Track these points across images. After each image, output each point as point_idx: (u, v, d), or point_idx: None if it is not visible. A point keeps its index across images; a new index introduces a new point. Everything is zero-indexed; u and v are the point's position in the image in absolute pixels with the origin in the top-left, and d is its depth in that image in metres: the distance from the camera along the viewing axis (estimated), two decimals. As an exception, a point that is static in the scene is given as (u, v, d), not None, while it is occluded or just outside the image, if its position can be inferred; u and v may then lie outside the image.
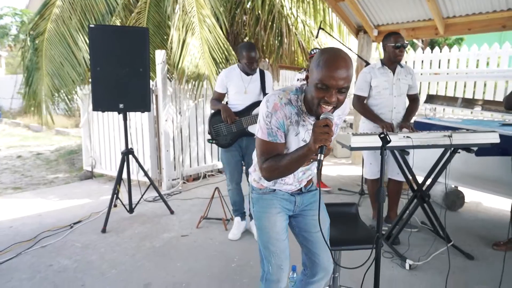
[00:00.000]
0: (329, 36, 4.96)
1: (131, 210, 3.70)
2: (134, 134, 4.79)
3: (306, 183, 1.71)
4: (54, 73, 4.93)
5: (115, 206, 3.77)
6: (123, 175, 3.60)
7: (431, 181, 3.00)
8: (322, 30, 4.37)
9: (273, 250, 1.62)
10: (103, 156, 5.35)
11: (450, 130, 2.74)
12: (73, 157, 7.56)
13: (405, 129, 3.06)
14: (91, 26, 3.28)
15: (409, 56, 6.29)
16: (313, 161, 1.56)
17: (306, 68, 5.07)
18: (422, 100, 5.17)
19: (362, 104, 3.28)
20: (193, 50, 4.68)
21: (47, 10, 5.16)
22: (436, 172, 2.97)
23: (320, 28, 4.34)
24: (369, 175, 3.38)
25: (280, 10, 6.12)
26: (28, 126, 11.97)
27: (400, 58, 3.12)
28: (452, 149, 2.77)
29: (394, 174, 3.24)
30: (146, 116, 4.67)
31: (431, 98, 4.92)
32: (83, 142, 5.52)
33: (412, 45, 8.74)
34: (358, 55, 4.64)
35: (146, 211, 3.88)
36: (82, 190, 4.80)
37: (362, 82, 3.25)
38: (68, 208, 4.05)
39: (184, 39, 4.66)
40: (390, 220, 3.33)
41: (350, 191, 4.52)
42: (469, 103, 4.61)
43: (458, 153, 2.81)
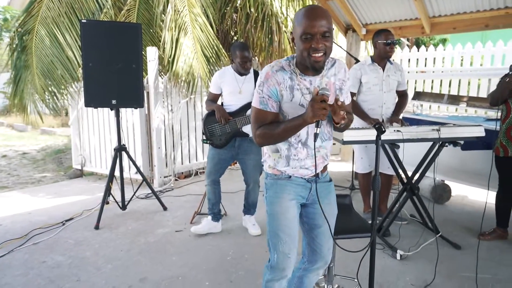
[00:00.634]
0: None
1: (124, 207, 3.69)
2: (126, 131, 4.77)
3: (323, 169, 1.67)
4: (43, 71, 4.86)
5: (107, 203, 3.73)
6: (116, 172, 3.59)
7: (420, 174, 3.09)
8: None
9: (282, 237, 1.59)
10: (93, 154, 5.30)
11: (439, 125, 2.83)
12: (60, 156, 7.47)
13: (395, 123, 3.14)
14: (83, 21, 3.27)
15: (396, 54, 6.41)
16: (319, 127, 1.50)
17: None
18: (410, 97, 5.30)
19: (352, 100, 3.34)
20: (186, 50, 4.68)
21: (35, 7, 5.08)
22: (424, 166, 3.06)
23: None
24: (360, 169, 3.45)
25: (270, 9, 6.16)
26: (12, 126, 11.74)
27: (390, 55, 3.20)
28: (440, 142, 2.86)
29: (385, 168, 3.32)
30: (138, 113, 4.66)
31: (419, 95, 5.05)
32: (72, 140, 5.46)
33: (399, 43, 8.90)
34: (348, 52, 4.73)
35: (138, 208, 3.88)
36: (72, 188, 4.75)
37: (353, 78, 3.32)
38: (58, 205, 4.01)
39: (177, 40, 4.66)
40: (380, 213, 3.41)
41: (341, 187, 4.59)
42: (454, 100, 4.75)
43: (446, 146, 2.91)
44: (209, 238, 3.13)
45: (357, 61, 4.06)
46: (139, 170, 3.78)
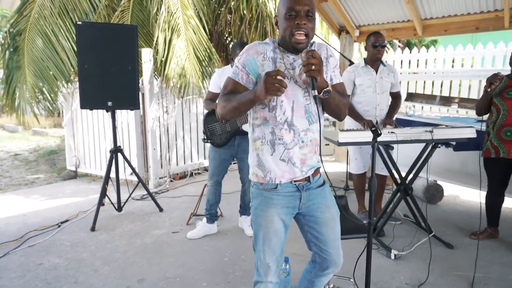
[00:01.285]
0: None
1: (120, 208, 3.69)
2: (120, 133, 4.75)
3: (313, 173, 1.59)
4: (36, 71, 4.82)
5: (103, 204, 3.74)
6: (111, 174, 3.59)
7: (413, 175, 3.15)
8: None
9: (263, 248, 1.58)
10: (87, 155, 5.28)
11: (431, 126, 2.89)
12: (53, 157, 7.40)
13: (389, 125, 3.20)
14: (79, 23, 3.26)
15: (388, 56, 6.49)
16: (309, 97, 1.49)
17: None
18: (403, 98, 5.37)
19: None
20: (179, 52, 4.69)
21: (27, 7, 5.04)
22: (417, 167, 3.12)
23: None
24: (354, 170, 3.50)
25: (264, 10, 6.19)
26: (3, 126, 11.60)
27: (379, 56, 3.25)
28: (433, 143, 2.91)
29: (379, 169, 3.37)
30: (133, 114, 4.65)
31: (411, 96, 5.12)
32: (66, 141, 5.43)
33: (391, 45, 9.00)
34: (342, 54, 4.78)
35: (134, 209, 3.88)
36: (67, 190, 4.73)
37: (346, 80, 3.36)
38: (53, 207, 3.99)
39: (170, 41, 4.66)
40: (375, 213, 3.45)
41: (335, 187, 4.64)
42: (446, 101, 4.83)
43: (439, 147, 2.97)
44: (205, 239, 3.15)
45: (351, 62, 4.11)
46: (135, 172, 3.79)
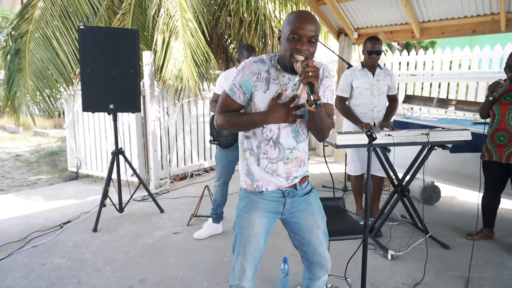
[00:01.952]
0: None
1: (121, 209, 3.74)
2: (122, 134, 4.80)
3: (300, 181, 1.62)
4: (37, 74, 4.88)
5: (104, 205, 3.79)
6: (112, 175, 3.64)
7: (410, 176, 3.20)
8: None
9: (242, 251, 1.59)
10: (89, 156, 5.33)
11: (427, 129, 2.95)
12: (54, 158, 7.45)
13: (385, 127, 3.25)
14: (81, 27, 3.31)
15: (387, 58, 6.55)
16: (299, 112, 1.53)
17: None
18: (400, 100, 5.43)
19: (343, 105, 3.45)
20: (176, 54, 4.74)
21: (29, 11, 5.09)
22: (414, 168, 3.17)
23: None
24: (352, 172, 3.55)
25: (264, 13, 6.25)
26: (3, 127, 11.65)
27: (372, 64, 3.32)
28: (429, 146, 2.97)
29: (376, 170, 3.42)
30: (134, 116, 4.70)
31: (409, 98, 5.18)
32: (68, 142, 5.48)
33: (389, 47, 9.05)
34: (340, 57, 4.84)
35: (135, 210, 3.93)
36: (68, 191, 4.78)
37: (344, 83, 3.42)
38: (55, 208, 4.04)
39: (168, 43, 4.72)
40: (372, 214, 3.51)
41: (334, 188, 4.69)
42: (443, 103, 4.89)
43: (435, 149, 3.02)
44: (206, 239, 3.20)
45: (349, 65, 4.17)
46: (136, 173, 3.83)
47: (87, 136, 5.28)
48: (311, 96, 1.34)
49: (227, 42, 7.04)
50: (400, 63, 6.42)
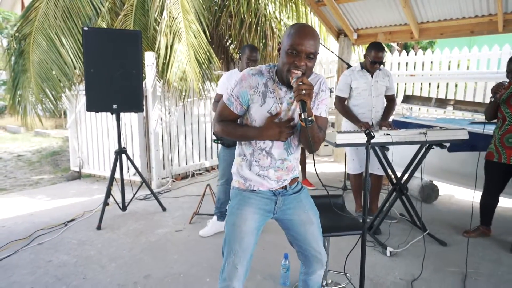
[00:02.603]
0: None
1: (124, 208, 3.80)
2: (124, 134, 4.86)
3: (290, 182, 1.68)
4: (41, 75, 4.94)
5: (107, 204, 3.85)
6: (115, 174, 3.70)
7: (408, 175, 3.26)
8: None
9: (234, 248, 1.59)
10: (91, 156, 5.39)
11: (425, 128, 3.00)
12: (56, 158, 7.51)
13: (384, 126, 3.31)
14: (85, 29, 3.37)
15: (386, 58, 6.62)
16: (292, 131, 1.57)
17: None
18: (400, 100, 5.49)
19: (342, 105, 3.52)
20: (180, 56, 4.80)
21: (32, 12, 5.15)
22: (413, 167, 3.23)
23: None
24: (351, 170, 3.61)
25: (264, 14, 6.31)
26: (4, 128, 11.71)
27: (373, 72, 3.39)
28: (427, 145, 3.03)
29: (375, 169, 3.48)
30: (136, 116, 4.76)
31: (408, 98, 5.24)
32: (70, 142, 5.54)
33: (389, 47, 9.11)
34: (340, 57, 4.90)
35: (138, 209, 3.99)
36: (71, 190, 4.84)
37: (343, 84, 3.49)
38: (59, 207, 4.10)
39: (171, 45, 4.78)
40: (371, 212, 3.57)
41: (334, 187, 4.75)
42: (442, 103, 4.95)
43: (433, 148, 3.07)
44: (208, 237, 3.25)
45: (348, 65, 4.23)
46: (139, 172, 3.89)
47: (90, 136, 5.34)
48: (302, 114, 1.38)
49: (228, 43, 7.10)
50: (399, 64, 6.49)
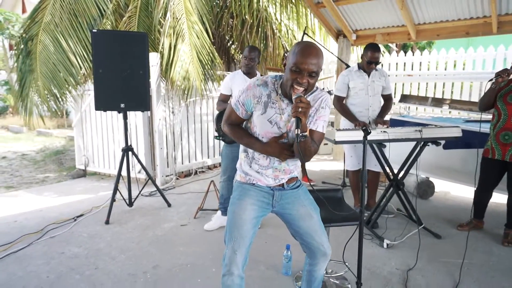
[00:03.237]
0: (312, 40, 5.32)
1: (131, 203, 3.93)
2: (129, 133, 4.98)
3: (288, 181, 1.79)
4: (47, 74, 5.06)
5: (114, 200, 3.97)
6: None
7: (405, 171, 3.39)
8: (306, 35, 4.73)
9: (233, 234, 1.70)
10: (96, 154, 5.52)
11: (421, 126, 3.14)
12: (60, 157, 7.64)
13: (379, 124, 3.45)
14: (94, 31, 3.50)
15: (385, 59, 6.76)
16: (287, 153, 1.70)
17: None
18: (397, 99, 5.63)
19: (341, 104, 3.66)
20: (183, 56, 4.93)
21: (39, 14, 5.28)
22: (409, 163, 3.37)
23: (304, 33, 4.70)
24: (350, 167, 3.75)
25: (265, 15, 6.45)
26: (7, 127, 11.82)
27: (369, 71, 3.53)
28: (422, 142, 3.16)
29: (372, 165, 3.61)
30: (141, 115, 4.89)
31: (405, 98, 5.38)
32: (76, 141, 5.67)
33: (387, 48, 9.25)
34: (339, 58, 5.03)
35: (144, 205, 4.12)
36: (78, 188, 4.97)
37: (341, 84, 3.63)
38: (67, 203, 4.23)
39: (175, 46, 4.91)
40: (369, 207, 3.71)
41: (333, 184, 4.89)
42: (438, 102, 5.09)
43: (428, 145, 3.21)
44: (212, 231, 3.39)
45: (347, 66, 4.37)
46: (145, 169, 4.02)
47: (95, 135, 5.47)
48: (296, 130, 1.51)
49: (229, 44, 7.24)
50: (397, 64, 6.63)
